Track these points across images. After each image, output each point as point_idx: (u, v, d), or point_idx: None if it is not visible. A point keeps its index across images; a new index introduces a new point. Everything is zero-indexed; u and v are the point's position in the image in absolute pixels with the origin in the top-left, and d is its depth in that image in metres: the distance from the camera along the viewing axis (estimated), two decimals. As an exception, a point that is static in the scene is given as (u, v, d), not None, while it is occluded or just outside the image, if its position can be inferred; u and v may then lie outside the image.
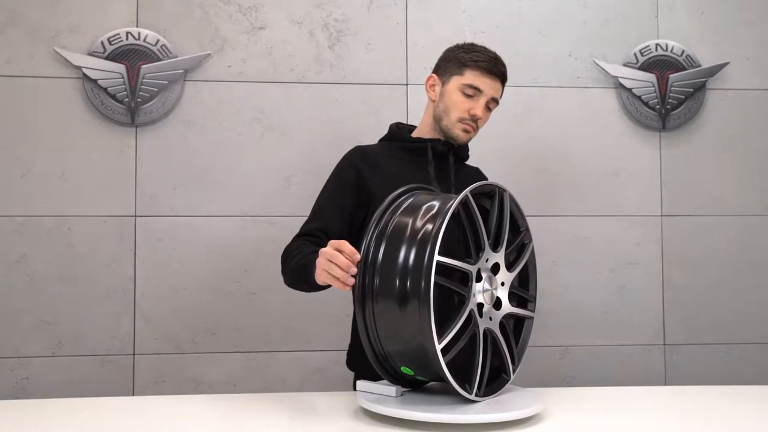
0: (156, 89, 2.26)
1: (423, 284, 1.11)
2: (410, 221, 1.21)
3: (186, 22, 2.31)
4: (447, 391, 1.31)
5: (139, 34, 2.27)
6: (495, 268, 1.30)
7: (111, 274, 2.25)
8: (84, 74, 2.24)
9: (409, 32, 2.39)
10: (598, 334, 2.42)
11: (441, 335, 1.14)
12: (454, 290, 1.20)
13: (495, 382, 1.31)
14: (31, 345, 2.21)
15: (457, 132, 1.60)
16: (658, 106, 2.43)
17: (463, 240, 1.24)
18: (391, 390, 1.27)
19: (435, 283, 1.12)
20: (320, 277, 1.31)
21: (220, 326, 2.28)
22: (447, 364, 1.14)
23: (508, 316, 1.34)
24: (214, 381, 2.28)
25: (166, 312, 2.27)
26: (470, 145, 1.75)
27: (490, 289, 1.25)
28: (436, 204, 1.23)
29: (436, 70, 1.67)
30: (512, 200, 1.36)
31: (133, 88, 2.25)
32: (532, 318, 1.41)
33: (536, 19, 2.44)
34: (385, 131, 1.77)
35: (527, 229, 1.41)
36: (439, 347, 1.12)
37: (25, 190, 2.23)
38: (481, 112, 1.58)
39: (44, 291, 2.22)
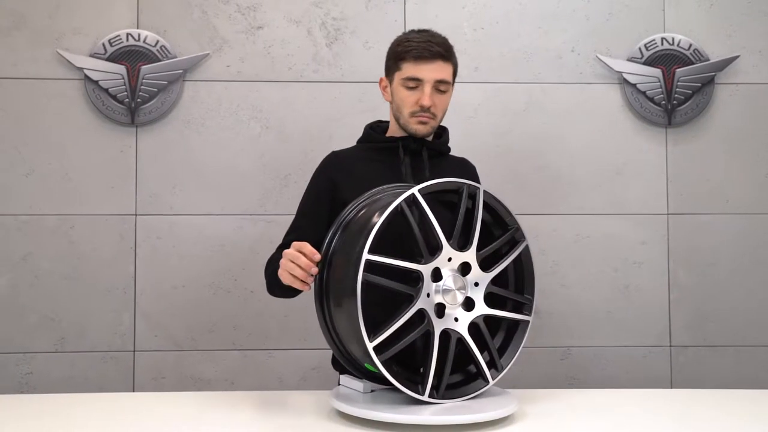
0: (155, 89, 2.29)
1: (353, 282, 1.12)
2: (363, 221, 1.20)
3: (185, 23, 2.33)
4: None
5: (139, 35, 2.30)
6: (467, 268, 1.28)
7: (112, 271, 2.29)
8: (86, 75, 2.28)
9: (407, 29, 2.36)
10: (602, 334, 2.37)
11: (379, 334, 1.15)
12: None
13: (468, 385, 1.27)
14: (35, 341, 2.26)
15: (415, 126, 1.56)
16: (663, 102, 2.37)
17: (424, 238, 1.22)
18: (360, 386, 1.27)
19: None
20: (282, 277, 1.33)
21: (218, 324, 2.30)
22: (402, 363, 1.13)
23: (492, 318, 1.31)
24: (212, 378, 2.30)
25: (165, 309, 2.29)
26: (469, 142, 1.72)
27: (453, 290, 1.22)
28: (391, 203, 1.21)
29: (384, 71, 1.64)
30: (493, 198, 1.32)
31: (134, 88, 2.29)
32: (527, 322, 1.36)
33: (537, 14, 2.40)
34: None
35: (518, 228, 1.36)
36: (371, 345, 1.13)
37: (29, 189, 2.28)
38: (428, 100, 1.51)
39: (48, 288, 2.27)
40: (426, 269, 1.21)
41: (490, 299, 1.30)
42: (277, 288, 1.47)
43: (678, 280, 2.37)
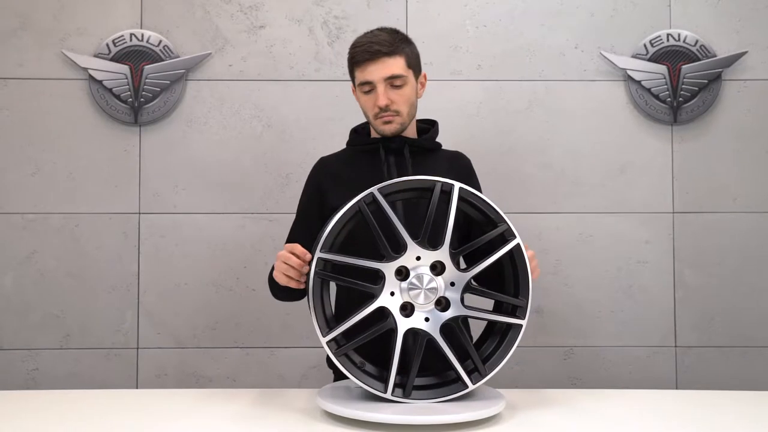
0: (158, 89, 2.31)
1: (309, 280, 1.20)
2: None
3: (188, 23, 2.34)
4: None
5: (142, 35, 2.32)
6: (444, 267, 1.26)
7: (116, 269, 2.31)
8: (90, 75, 2.30)
9: (410, 27, 2.36)
10: (605, 334, 2.34)
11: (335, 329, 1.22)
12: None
13: (448, 386, 1.26)
14: (40, 338, 2.29)
15: (381, 127, 1.55)
16: (669, 99, 2.33)
17: (394, 235, 1.24)
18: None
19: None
20: (278, 279, 1.37)
21: (220, 322, 2.32)
22: (369, 358, 1.15)
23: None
24: (214, 375, 2.31)
25: (168, 307, 2.31)
26: (472, 141, 1.69)
27: (422, 289, 1.22)
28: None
29: None
30: (475, 195, 1.30)
31: (137, 88, 2.31)
32: (519, 326, 1.30)
33: (540, 11, 2.38)
34: None
35: (507, 226, 1.31)
36: (324, 340, 1.20)
37: (35, 187, 2.31)
38: (383, 100, 1.50)
39: (53, 286, 2.30)
40: (388, 267, 1.22)
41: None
42: (278, 291, 1.54)
43: (683, 279, 2.34)
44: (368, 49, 1.49)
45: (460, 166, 1.66)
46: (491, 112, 2.37)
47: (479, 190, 1.66)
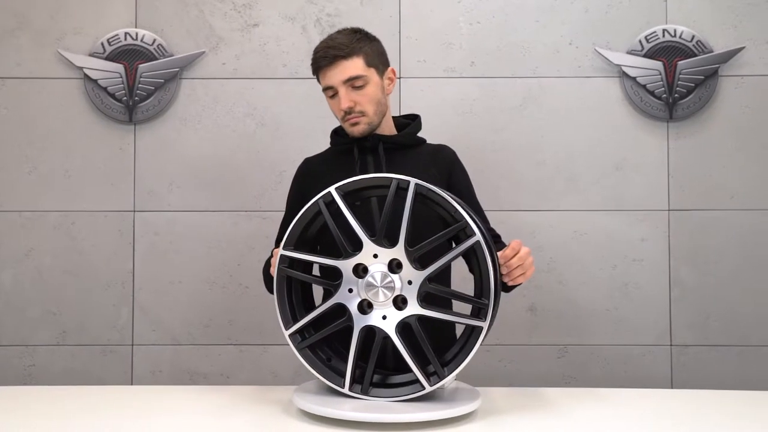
0: (152, 88, 2.33)
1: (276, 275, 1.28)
2: None
3: (182, 21, 2.36)
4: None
5: (136, 34, 2.34)
6: (399, 265, 1.25)
7: (111, 267, 2.33)
8: (85, 75, 2.32)
9: (402, 25, 2.36)
10: (600, 333, 2.32)
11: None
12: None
13: (412, 385, 1.24)
14: (37, 334, 2.32)
15: (349, 129, 1.56)
16: (665, 95, 2.31)
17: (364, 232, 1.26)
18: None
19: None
20: (273, 274, 1.39)
21: (213, 319, 2.33)
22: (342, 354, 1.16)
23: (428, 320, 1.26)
24: (208, 372, 2.33)
25: (162, 304, 2.33)
26: (465, 138, 1.68)
27: (378, 287, 1.22)
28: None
29: None
30: (434, 191, 1.25)
31: (131, 87, 2.33)
32: (480, 328, 1.23)
33: (535, 7, 2.36)
34: None
35: (466, 224, 1.24)
36: (287, 333, 1.29)
37: (32, 186, 2.34)
38: (346, 103, 1.51)
39: (50, 283, 2.33)
40: (345, 265, 1.24)
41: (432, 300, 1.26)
42: (272, 285, 1.55)
43: (679, 278, 2.32)
44: (324, 54, 1.51)
45: (441, 160, 1.63)
46: (485, 109, 2.36)
47: (465, 182, 1.65)
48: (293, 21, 2.37)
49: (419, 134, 1.69)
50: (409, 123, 1.66)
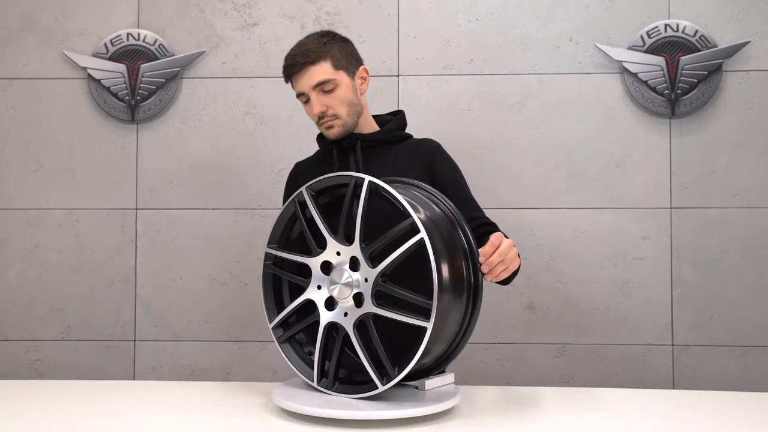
0: (154, 87, 2.36)
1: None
2: None
3: (183, 22, 2.39)
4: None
5: (138, 34, 2.37)
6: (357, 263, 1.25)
7: (114, 263, 2.37)
8: (89, 75, 2.37)
9: (401, 23, 2.36)
10: (599, 332, 2.30)
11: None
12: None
13: (365, 384, 1.23)
14: (43, 329, 2.37)
15: (326, 132, 1.60)
16: (666, 91, 2.28)
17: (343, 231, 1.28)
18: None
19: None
20: None
21: (213, 315, 2.36)
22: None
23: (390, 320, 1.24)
24: (208, 368, 2.36)
25: (164, 301, 2.37)
26: (464, 136, 1.68)
27: (338, 284, 1.24)
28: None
29: None
30: (385, 189, 1.23)
31: (133, 86, 2.36)
32: (423, 329, 1.15)
33: (534, 3, 2.34)
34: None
35: (412, 221, 1.19)
36: (270, 326, 1.36)
37: (37, 184, 2.39)
38: (318, 108, 1.53)
39: (55, 279, 2.38)
40: (314, 262, 1.28)
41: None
42: None
43: (681, 276, 2.28)
44: (293, 62, 1.53)
45: (422, 154, 1.62)
46: (484, 106, 2.34)
47: (450, 174, 1.63)
48: (292, 20, 2.38)
49: (407, 130, 1.70)
50: (392, 119, 1.66)
